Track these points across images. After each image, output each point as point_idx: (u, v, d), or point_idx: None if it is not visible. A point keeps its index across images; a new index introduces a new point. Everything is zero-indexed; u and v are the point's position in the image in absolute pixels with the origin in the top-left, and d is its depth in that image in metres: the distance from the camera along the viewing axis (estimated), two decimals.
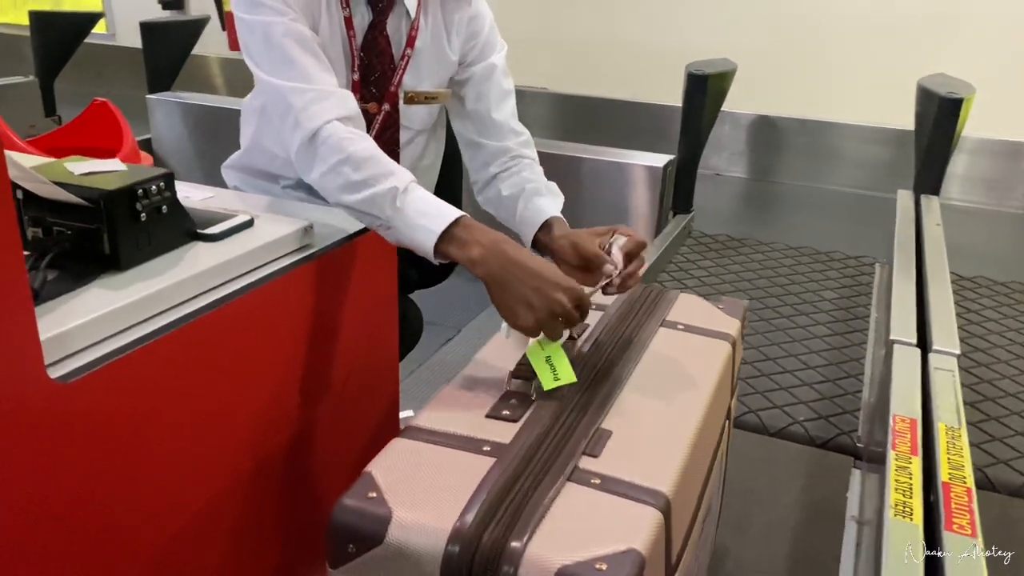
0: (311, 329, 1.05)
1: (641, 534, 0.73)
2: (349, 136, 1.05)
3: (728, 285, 2.46)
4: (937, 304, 1.77)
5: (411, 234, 0.99)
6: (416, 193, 1.01)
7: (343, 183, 1.03)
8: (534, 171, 1.28)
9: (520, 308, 0.93)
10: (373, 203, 1.01)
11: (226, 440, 0.95)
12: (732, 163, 4.02)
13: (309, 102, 1.06)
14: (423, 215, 0.99)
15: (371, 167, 1.02)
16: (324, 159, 1.04)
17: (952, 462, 1.23)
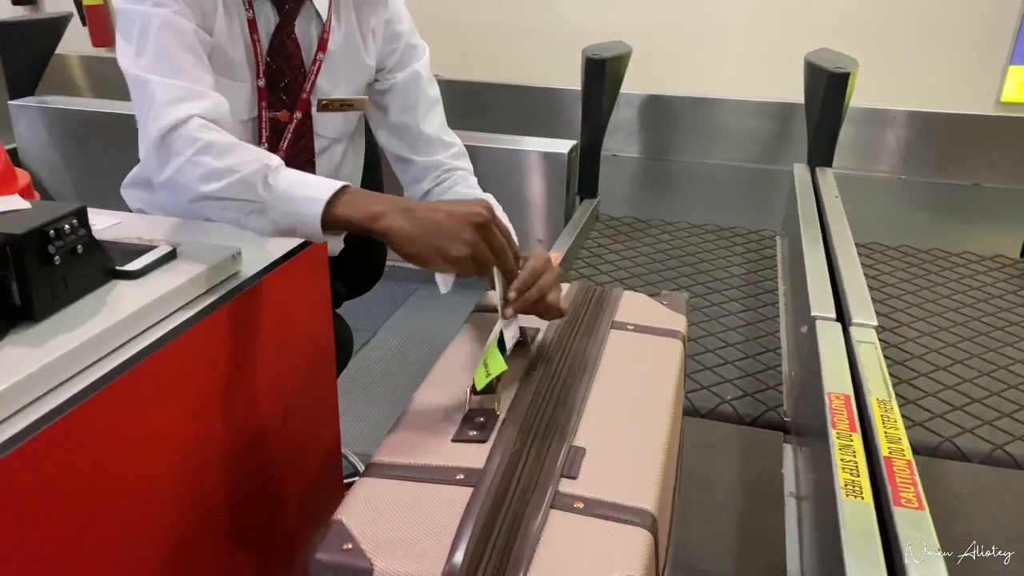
0: (248, 365, 0.98)
1: (635, 560, 0.71)
2: (207, 127, 0.98)
3: (642, 268, 2.49)
4: (849, 277, 1.84)
5: (291, 208, 0.91)
6: (290, 171, 0.95)
7: (204, 172, 0.95)
8: (468, 184, 1.24)
9: (445, 241, 0.87)
10: (242, 186, 0.93)
11: (165, 498, 0.87)
12: (627, 144, 4.07)
13: (174, 98, 0.98)
14: (303, 186, 0.92)
15: (236, 154, 0.95)
16: (179, 152, 0.96)
17: (889, 436, 1.27)
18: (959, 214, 3.38)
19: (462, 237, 0.87)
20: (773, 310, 2.29)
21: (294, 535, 1.17)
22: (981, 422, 1.74)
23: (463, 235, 0.87)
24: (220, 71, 1.11)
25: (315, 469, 1.21)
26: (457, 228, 0.87)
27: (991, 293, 2.38)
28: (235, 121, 1.14)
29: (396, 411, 2.31)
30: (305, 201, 0.90)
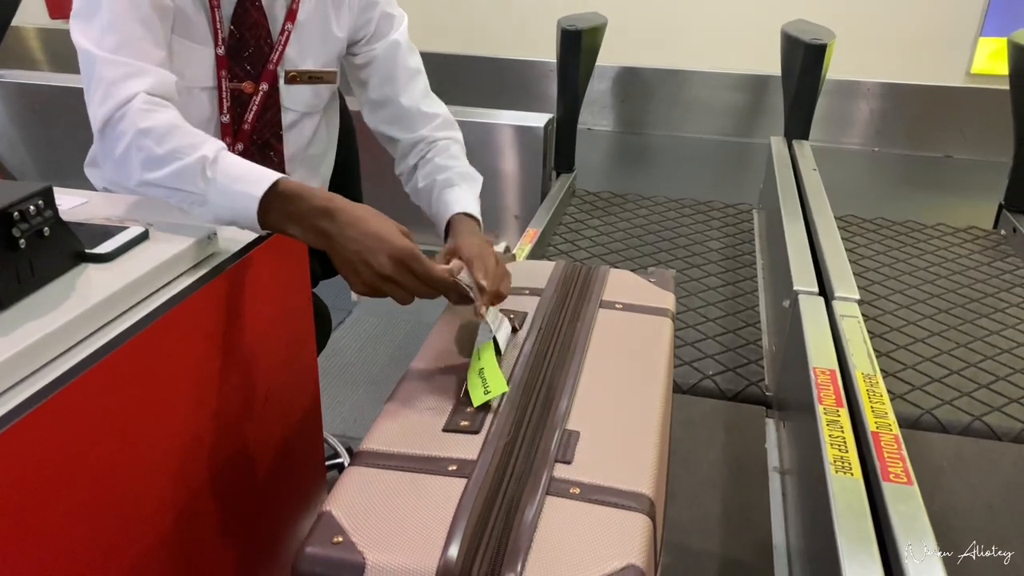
0: (227, 348, 0.94)
1: (635, 546, 0.69)
2: (148, 108, 0.95)
3: (620, 244, 2.47)
4: (830, 251, 1.83)
5: (229, 203, 0.90)
6: (227, 159, 0.92)
7: (145, 158, 0.92)
8: (450, 155, 1.20)
9: (349, 272, 0.88)
10: (181, 177, 0.91)
11: (145, 488, 0.83)
12: (602, 117, 4.04)
13: (119, 76, 0.95)
14: (239, 180, 0.90)
15: (176, 138, 0.92)
16: (122, 135, 0.93)
17: (876, 410, 1.27)
18: (932, 186, 3.41)
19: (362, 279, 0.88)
20: (752, 284, 2.28)
21: (278, 518, 1.14)
22: (959, 394, 1.76)
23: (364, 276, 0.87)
24: (182, 33, 1.06)
25: (298, 450, 1.18)
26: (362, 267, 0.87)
27: (966, 265, 2.40)
28: (196, 88, 1.10)
29: (374, 392, 2.29)
30: (242, 198, 0.90)
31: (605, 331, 1.02)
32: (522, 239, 2.23)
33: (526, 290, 1.09)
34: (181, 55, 1.06)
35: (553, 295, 1.09)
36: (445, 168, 1.19)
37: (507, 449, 0.79)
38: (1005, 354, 1.92)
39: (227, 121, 1.13)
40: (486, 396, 0.85)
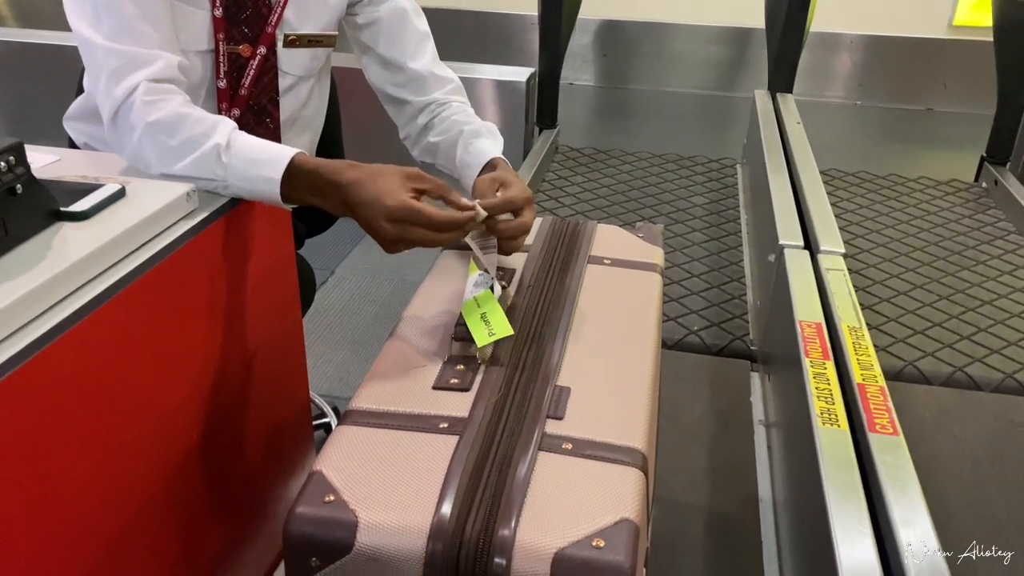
0: (209, 309, 0.93)
1: (629, 500, 0.69)
2: (153, 99, 0.93)
3: (604, 200, 2.45)
4: (815, 204, 1.83)
5: (251, 188, 0.92)
6: (240, 143, 0.92)
7: (161, 152, 0.92)
8: (467, 113, 1.18)
9: (373, 237, 0.88)
10: (199, 166, 0.91)
11: (131, 454, 0.82)
12: (583, 71, 3.99)
13: (120, 67, 0.93)
14: (256, 163, 0.90)
15: (186, 128, 0.92)
16: (132, 129, 0.93)
17: (862, 362, 1.27)
18: (914, 139, 3.40)
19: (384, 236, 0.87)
20: (736, 239, 2.28)
21: (267, 478, 1.13)
22: (941, 345, 1.78)
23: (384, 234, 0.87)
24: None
25: (284, 410, 1.16)
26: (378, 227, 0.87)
27: (948, 217, 2.41)
28: (192, 52, 1.05)
29: (359, 351, 2.27)
30: (261, 182, 0.90)
31: (594, 287, 1.01)
32: None
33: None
34: (176, 18, 1.01)
35: (541, 251, 1.08)
36: (469, 122, 1.16)
37: (498, 406, 0.78)
38: (986, 306, 1.93)
39: (223, 87, 1.09)
40: (491, 337, 0.84)
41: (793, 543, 1.24)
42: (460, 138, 1.13)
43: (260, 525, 1.13)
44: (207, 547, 0.99)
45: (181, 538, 0.93)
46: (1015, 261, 2.14)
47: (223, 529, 1.03)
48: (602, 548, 0.64)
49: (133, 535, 0.84)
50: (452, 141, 1.14)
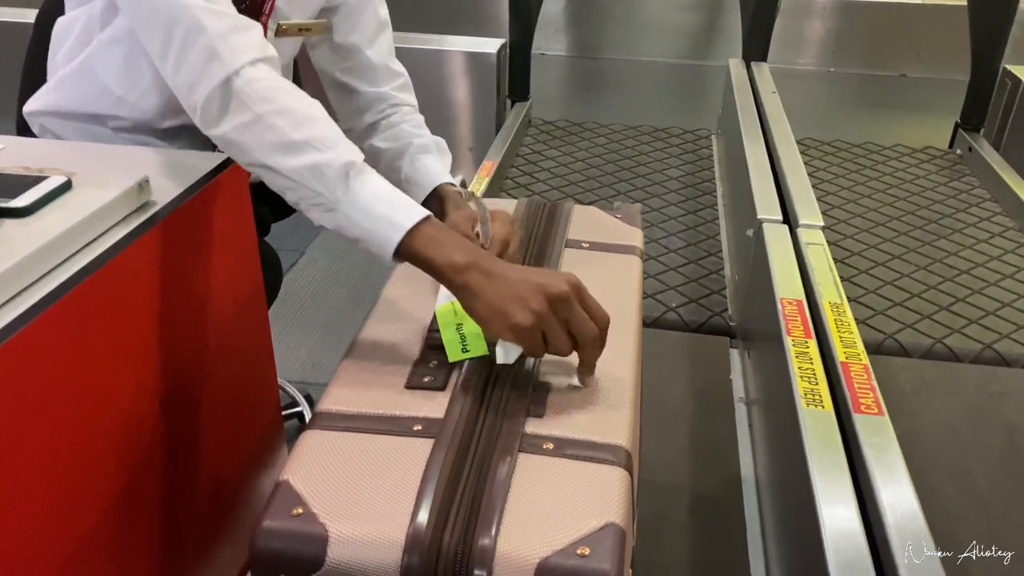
0: (168, 305, 0.88)
1: (613, 502, 0.66)
2: (283, 86, 0.83)
3: (579, 175, 2.41)
4: (792, 177, 1.80)
5: (366, 223, 0.79)
6: (374, 176, 0.81)
7: (276, 140, 0.80)
8: (416, 121, 1.14)
9: (511, 304, 0.74)
10: (318, 174, 0.79)
11: (89, 456, 0.77)
12: (555, 41, 3.92)
13: (229, 30, 0.82)
14: (386, 203, 0.80)
15: (317, 127, 0.81)
16: (248, 106, 0.81)
17: (844, 340, 1.25)
18: (889, 106, 3.39)
19: (530, 305, 0.74)
20: (712, 212, 2.25)
21: (236, 473, 1.09)
22: (920, 317, 1.76)
23: (532, 303, 0.74)
24: None
25: (253, 405, 1.12)
26: (530, 294, 0.74)
27: (924, 185, 2.40)
28: None
29: (331, 335, 2.23)
30: (382, 222, 0.79)
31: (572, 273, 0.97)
32: (478, 173, 2.16)
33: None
34: None
35: None
36: (419, 135, 1.13)
37: (475, 405, 0.75)
38: (963, 275, 1.92)
39: None
40: (464, 355, 0.79)
41: (778, 525, 1.22)
42: (407, 151, 1.10)
43: (229, 528, 1.09)
44: (173, 552, 0.95)
45: (144, 543, 0.89)
46: (990, 229, 2.14)
47: (190, 533, 0.99)
48: (587, 556, 0.61)
49: (92, 542, 0.79)
50: (398, 152, 1.11)
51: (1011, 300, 1.81)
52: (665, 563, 1.22)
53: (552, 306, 0.74)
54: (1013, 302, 1.80)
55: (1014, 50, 2.55)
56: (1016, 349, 1.65)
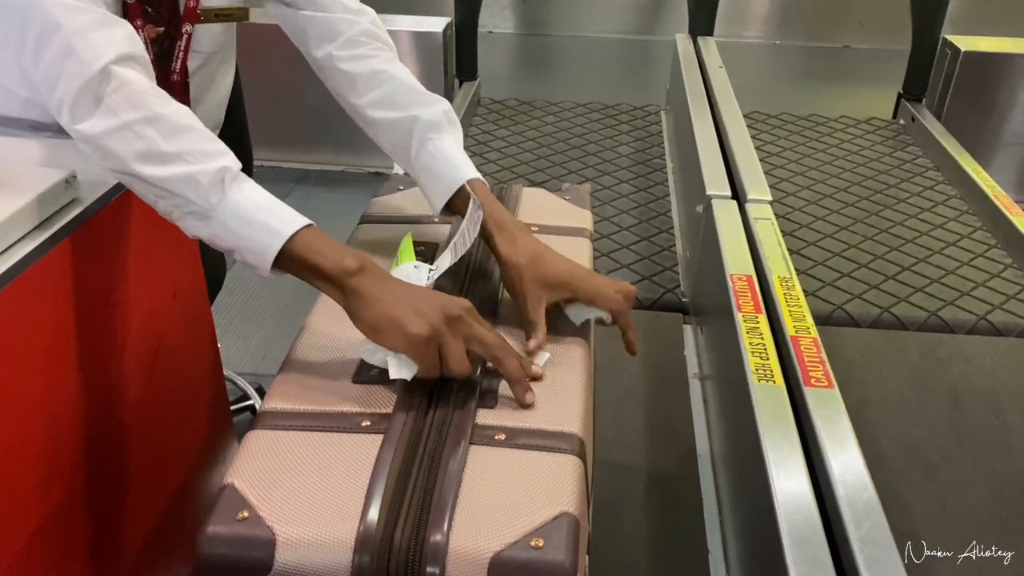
0: (102, 304, 0.85)
1: (567, 491, 0.66)
2: (155, 92, 0.78)
3: (529, 154, 2.39)
4: (740, 152, 1.81)
5: (242, 230, 0.75)
6: (251, 184, 0.77)
7: (144, 149, 0.75)
8: (405, 76, 1.00)
9: (407, 314, 0.72)
10: (191, 182, 0.74)
11: (23, 462, 0.74)
12: (502, 19, 3.88)
13: (88, 27, 0.76)
14: (264, 209, 0.75)
15: (191, 139, 0.76)
16: (114, 111, 0.75)
17: (794, 314, 1.26)
18: (833, 77, 3.43)
19: (427, 316, 0.72)
20: (663, 189, 2.26)
21: (185, 476, 1.07)
22: (868, 287, 1.79)
23: (428, 314, 0.72)
24: None
25: (199, 402, 1.10)
26: (428, 308, 0.72)
27: (869, 156, 2.43)
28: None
29: (281, 325, 2.19)
30: (263, 229, 0.74)
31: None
32: None
33: (435, 218, 1.02)
34: None
35: (465, 220, 1.02)
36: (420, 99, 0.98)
37: (424, 398, 0.73)
38: (909, 244, 1.96)
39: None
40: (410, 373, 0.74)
41: (733, 499, 1.24)
42: (415, 128, 0.96)
43: (178, 532, 1.06)
44: (116, 561, 0.92)
45: (84, 553, 0.86)
46: (933, 198, 2.18)
47: (135, 540, 0.96)
48: (541, 548, 0.61)
49: (27, 554, 0.77)
50: (402, 127, 0.97)
51: (954, 267, 1.84)
52: (623, 542, 1.23)
53: (449, 322, 0.72)
54: (956, 269, 1.84)
55: (952, 20, 2.59)
56: (960, 315, 1.69)
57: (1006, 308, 1.70)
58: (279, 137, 2.75)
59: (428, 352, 0.71)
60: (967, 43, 2.53)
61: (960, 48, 2.51)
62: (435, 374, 0.73)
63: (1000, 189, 2.09)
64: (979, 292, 1.76)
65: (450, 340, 0.71)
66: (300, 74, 1.18)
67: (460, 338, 0.72)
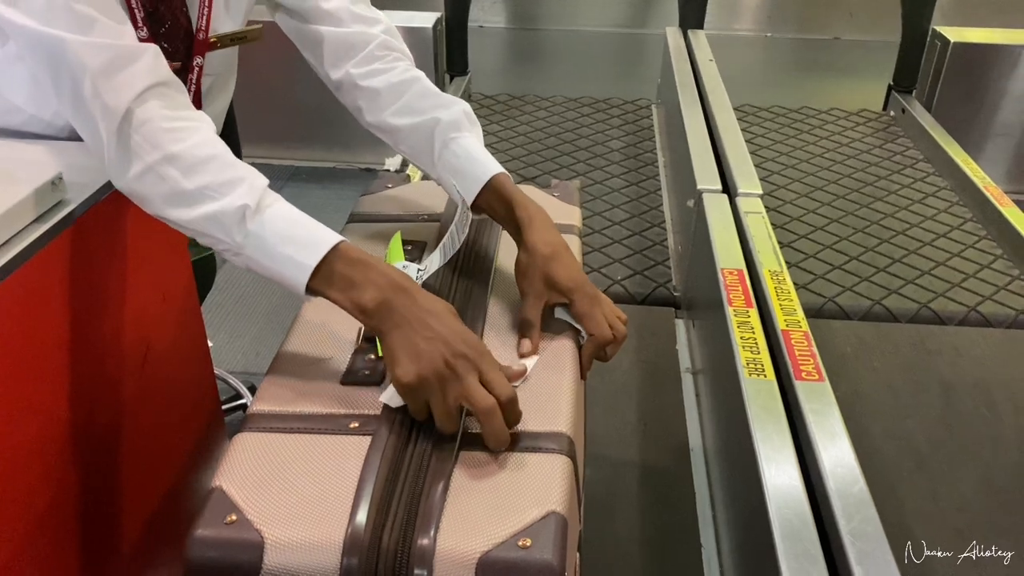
0: (89, 307, 0.84)
1: (555, 491, 0.66)
2: (173, 123, 0.76)
3: (521, 149, 2.39)
4: (731, 146, 1.81)
5: (271, 265, 0.74)
6: (274, 209, 0.75)
7: (169, 192, 0.75)
8: (423, 82, 1.00)
9: (403, 356, 0.70)
10: (216, 223, 0.74)
11: (13, 468, 0.74)
12: (493, 13, 3.87)
13: (111, 65, 0.74)
14: (287, 241, 0.74)
15: (208, 172, 0.75)
16: (139, 154, 0.74)
17: (784, 308, 1.26)
18: (824, 69, 3.43)
19: (419, 367, 0.69)
20: (655, 183, 2.26)
21: (176, 477, 1.06)
22: (859, 279, 1.79)
23: (422, 363, 0.69)
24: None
25: (190, 402, 1.09)
26: (426, 350, 0.69)
27: (859, 148, 2.43)
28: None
29: (273, 323, 2.18)
30: (287, 263, 0.74)
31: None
32: None
33: (423, 216, 1.02)
34: None
35: (454, 220, 1.02)
36: (440, 103, 0.98)
37: None
38: (899, 236, 1.96)
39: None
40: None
41: (725, 493, 1.24)
42: (437, 130, 0.96)
43: (170, 533, 1.06)
44: (108, 564, 0.92)
45: (75, 556, 0.86)
46: (924, 189, 2.18)
47: (126, 542, 0.96)
48: (529, 548, 0.61)
49: (17, 557, 0.76)
50: (424, 131, 0.96)
51: (945, 259, 1.85)
52: (617, 537, 1.23)
53: (441, 377, 0.69)
54: (947, 261, 1.84)
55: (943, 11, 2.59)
56: (950, 307, 1.69)
57: (996, 299, 1.71)
58: (270, 134, 2.74)
59: (414, 400, 0.70)
60: (957, 34, 2.54)
61: (950, 39, 2.51)
62: (421, 418, 0.71)
63: (990, 180, 2.09)
64: (970, 283, 1.76)
65: (438, 394, 0.69)
66: (291, 71, 1.19)
67: (450, 394, 0.69)
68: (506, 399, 0.69)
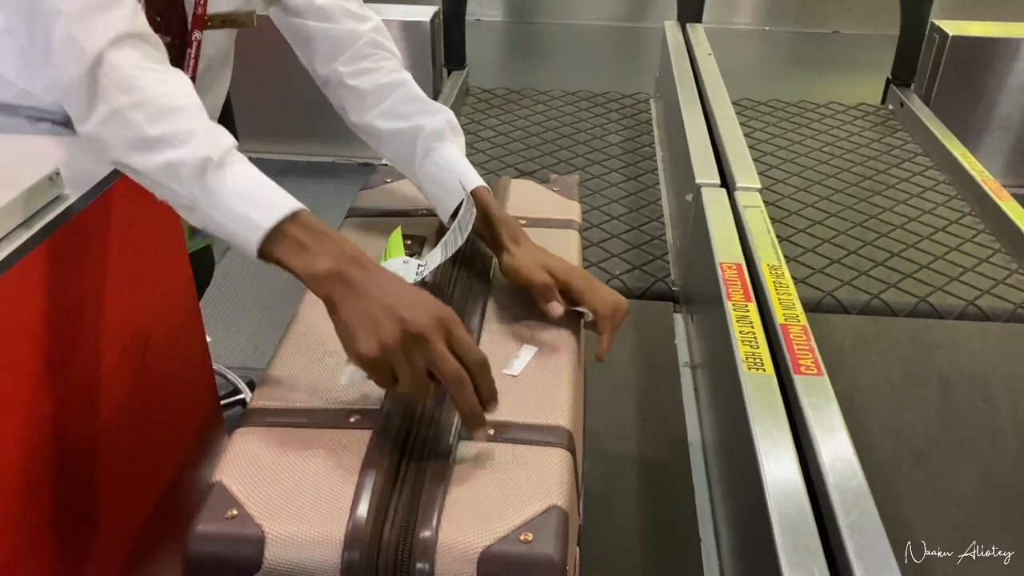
0: (87, 304, 0.84)
1: (556, 484, 0.66)
2: (146, 68, 0.74)
3: (519, 143, 2.39)
4: (729, 140, 1.81)
5: (225, 223, 0.72)
6: (238, 168, 0.73)
7: (132, 137, 0.72)
8: (409, 86, 1.00)
9: (362, 328, 0.67)
10: (174, 173, 0.71)
11: (10, 470, 0.74)
12: (490, 6, 3.86)
13: (86, 9, 0.73)
14: (246, 200, 0.71)
15: (175, 120, 0.72)
16: (106, 97, 0.72)
17: (783, 302, 1.27)
18: (822, 63, 3.42)
19: (380, 338, 0.66)
20: (653, 177, 2.25)
21: (175, 474, 1.06)
22: (857, 273, 1.80)
23: (382, 335, 0.66)
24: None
25: (188, 399, 1.09)
26: (386, 324, 0.66)
27: (858, 142, 2.43)
28: None
29: (272, 318, 2.18)
30: (241, 222, 0.71)
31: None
32: None
33: (421, 211, 1.02)
34: None
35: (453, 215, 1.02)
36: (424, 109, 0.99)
37: None
38: (898, 230, 1.96)
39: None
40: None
41: (724, 488, 1.24)
42: (419, 138, 0.96)
43: (170, 529, 1.06)
44: (108, 561, 0.92)
45: (74, 554, 0.86)
46: (922, 183, 2.18)
47: (126, 539, 0.96)
48: (530, 542, 0.61)
49: (17, 556, 0.76)
50: (406, 137, 0.97)
51: (943, 253, 1.85)
52: (616, 533, 1.23)
53: (405, 341, 0.66)
54: (945, 255, 1.85)
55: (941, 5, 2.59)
56: (948, 301, 1.69)
57: (995, 293, 1.71)
58: (267, 128, 2.73)
59: (376, 371, 0.68)
60: (955, 28, 2.53)
61: (948, 33, 2.51)
62: (387, 388, 0.69)
63: (988, 174, 2.09)
64: (968, 277, 1.76)
65: (403, 361, 0.66)
66: (288, 65, 1.18)
67: (417, 359, 0.66)
68: (475, 363, 0.67)
